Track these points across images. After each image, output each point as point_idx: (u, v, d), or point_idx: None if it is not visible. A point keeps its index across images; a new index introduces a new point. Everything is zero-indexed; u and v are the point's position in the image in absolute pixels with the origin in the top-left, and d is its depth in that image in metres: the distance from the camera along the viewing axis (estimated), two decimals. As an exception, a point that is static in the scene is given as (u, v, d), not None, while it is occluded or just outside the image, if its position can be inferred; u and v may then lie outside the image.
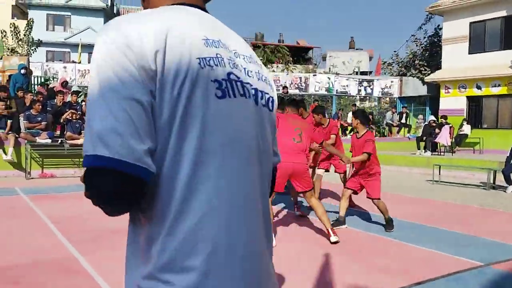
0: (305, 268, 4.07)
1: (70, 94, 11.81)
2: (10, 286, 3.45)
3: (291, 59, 25.31)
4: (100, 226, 5.49)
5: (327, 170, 7.31)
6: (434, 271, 4.07)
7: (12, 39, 27.04)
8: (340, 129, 16.41)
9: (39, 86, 15.21)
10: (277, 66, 22.28)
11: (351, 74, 27.79)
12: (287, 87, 15.75)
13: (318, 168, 7.19)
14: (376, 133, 17.83)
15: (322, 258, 4.39)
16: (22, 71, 11.91)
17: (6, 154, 9.92)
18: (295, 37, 76.96)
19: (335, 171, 7.46)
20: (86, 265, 4.00)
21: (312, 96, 19.91)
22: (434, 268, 4.15)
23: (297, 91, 19.67)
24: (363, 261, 4.39)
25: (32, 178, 10.13)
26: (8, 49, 26.97)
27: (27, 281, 3.56)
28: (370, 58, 44.82)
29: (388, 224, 5.63)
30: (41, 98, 10.94)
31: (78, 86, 16.19)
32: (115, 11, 38.30)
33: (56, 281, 3.59)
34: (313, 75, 20.16)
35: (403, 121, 17.37)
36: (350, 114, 16.87)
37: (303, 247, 4.88)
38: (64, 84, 12.84)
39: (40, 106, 10.26)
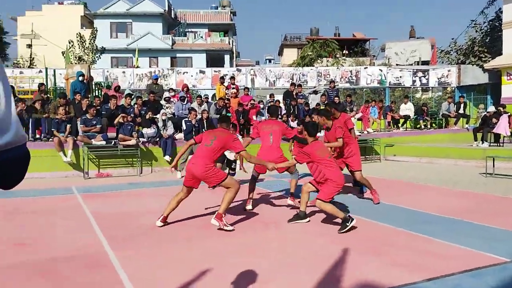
0: (316, 260, 4.11)
1: (123, 98, 12.50)
2: (36, 278, 3.82)
3: (341, 52, 24.85)
4: (140, 223, 5.86)
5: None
6: (454, 267, 3.94)
7: (79, 48, 28.94)
8: (391, 122, 15.99)
9: (104, 89, 16.12)
10: (328, 61, 22.00)
11: (410, 65, 26.80)
12: (334, 81, 15.54)
13: None
14: (433, 125, 17.12)
15: (339, 252, 4.39)
16: (80, 78, 12.80)
17: (66, 156, 10.74)
18: (352, 30, 75.22)
19: (349, 170, 7.32)
20: (114, 260, 4.31)
21: (364, 90, 19.48)
22: (455, 264, 4.02)
23: (347, 85, 19.36)
24: (382, 255, 4.34)
25: (89, 178, 10.89)
26: (76, 57, 28.95)
27: (53, 274, 3.92)
28: (432, 47, 42.82)
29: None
30: (98, 102, 11.70)
31: (131, 90, 17.02)
32: (172, 16, 39.66)
33: (81, 275, 3.91)
34: (364, 68, 19.71)
35: (461, 111, 16.50)
36: (402, 106, 16.32)
37: (312, 239, 4.91)
38: (117, 88, 13.62)
39: (95, 111, 10.98)
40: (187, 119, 11.39)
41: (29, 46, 34.34)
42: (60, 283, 3.70)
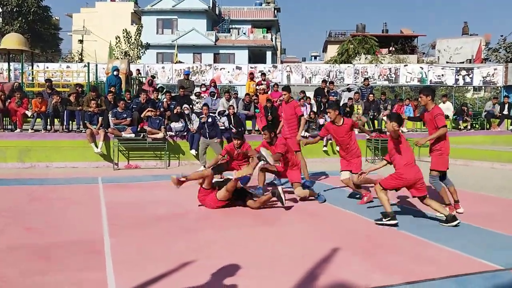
0: (302, 259, 4.07)
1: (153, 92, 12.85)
2: (33, 258, 4.07)
3: (379, 49, 24.20)
4: (148, 213, 6.05)
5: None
6: (441, 272, 3.79)
7: (125, 43, 29.98)
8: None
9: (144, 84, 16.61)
10: (366, 58, 21.52)
11: (462, 63, 25.72)
12: (368, 79, 15.17)
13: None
14: (474, 125, 16.35)
15: (328, 251, 4.33)
16: (115, 72, 13.29)
17: (97, 147, 11.20)
18: (401, 26, 72.94)
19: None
20: (107, 246, 4.49)
21: (403, 88, 18.89)
22: (444, 269, 3.86)
23: (386, 83, 18.85)
24: (371, 257, 4.25)
25: (119, 169, 11.31)
26: (122, 52, 30.03)
27: (47, 257, 4.14)
28: (487, 44, 40.78)
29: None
30: (128, 97, 12.11)
31: (162, 84, 17.44)
32: (216, 12, 40.16)
33: (72, 259, 4.11)
34: (404, 65, 19.10)
35: (505, 112, 15.62)
36: (440, 106, 15.65)
37: (306, 236, 4.85)
38: (150, 82, 14.02)
39: (124, 104, 11.37)
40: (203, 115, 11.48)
41: (81, 41, 35.98)
42: (49, 265, 3.90)
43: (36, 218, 5.72)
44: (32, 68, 19.35)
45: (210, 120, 11.07)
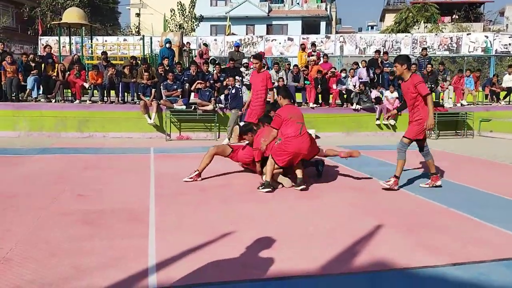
0: (341, 233, 3.99)
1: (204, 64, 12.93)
2: (80, 224, 4.27)
3: (442, 17, 22.73)
4: (194, 184, 6.18)
5: None
6: (490, 254, 3.58)
7: (179, 16, 30.31)
8: (490, 95, 14.43)
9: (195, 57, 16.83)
10: (425, 26, 20.33)
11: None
12: (426, 49, 14.32)
13: None
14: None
15: (370, 227, 4.21)
16: (167, 45, 13.47)
17: (150, 119, 11.53)
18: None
19: None
20: (151, 215, 4.64)
21: (465, 58, 17.75)
22: (498, 252, 3.64)
23: (446, 53, 17.79)
24: (415, 235, 4.08)
25: (171, 140, 11.61)
26: (177, 25, 30.42)
27: (97, 223, 4.34)
28: None
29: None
30: (180, 69, 12.28)
31: (215, 57, 17.48)
32: (270, -18, 39.38)
33: (118, 226, 4.28)
34: (467, 34, 17.87)
35: None
36: (505, 77, 14.62)
37: (347, 210, 4.73)
38: (200, 54, 14.10)
39: (173, 76, 11.56)
40: (229, 86, 11.41)
41: (138, 15, 36.80)
42: (96, 231, 4.09)
43: (89, 186, 6.00)
44: (92, 42, 20.11)
45: (233, 91, 11.14)
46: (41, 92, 12.04)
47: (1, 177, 6.45)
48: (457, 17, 33.85)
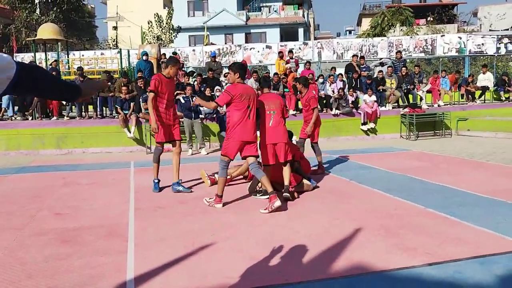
0: (320, 237, 4.01)
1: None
2: (57, 243, 4.20)
3: (417, 20, 23.19)
4: (173, 196, 6.14)
5: None
6: (467, 252, 3.64)
7: (157, 28, 30.25)
8: (466, 95, 14.73)
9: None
10: (401, 30, 20.70)
11: (507, 30, 24.32)
12: (400, 52, 14.57)
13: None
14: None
15: (348, 230, 4.24)
16: (144, 57, 13.43)
17: (130, 132, 11.44)
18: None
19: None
20: (130, 230, 4.59)
21: (441, 59, 18.10)
22: (473, 250, 3.70)
23: (422, 55, 18.12)
24: (393, 237, 4.13)
25: (151, 152, 11.48)
26: (154, 37, 30.34)
27: (75, 241, 4.28)
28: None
29: None
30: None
31: (193, 67, 17.49)
32: (247, -10, 39.67)
33: (96, 242, 4.23)
34: (441, 36, 18.24)
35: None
36: (480, 77, 14.96)
37: (320, 217, 4.76)
38: (181, 67, 14.07)
39: (152, 89, 11.51)
40: (184, 95, 11.38)
41: (115, 28, 36.58)
42: (73, 250, 4.03)
43: (67, 203, 5.92)
44: (68, 57, 19.90)
45: (183, 101, 11.11)
46: (16, 110, 11.86)
47: (-24, 199, 6.32)
48: (431, 19, 34.56)
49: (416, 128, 12.61)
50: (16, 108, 11.93)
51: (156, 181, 6.64)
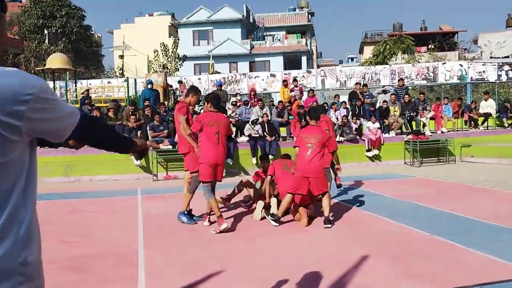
0: (326, 263, 4.05)
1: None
2: (66, 271, 4.26)
3: (418, 48, 23.59)
4: (181, 224, 6.18)
5: None
6: (473, 279, 3.68)
7: (163, 57, 30.83)
8: (469, 121, 14.86)
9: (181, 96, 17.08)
10: (403, 58, 21.04)
11: (507, 57, 24.65)
12: (402, 79, 14.79)
13: None
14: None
15: (355, 257, 4.29)
16: (149, 86, 13.70)
17: (137, 160, 11.56)
18: (439, 22, 70.54)
19: None
20: (140, 258, 4.64)
21: (443, 86, 18.33)
22: (480, 277, 3.73)
23: (424, 82, 18.37)
24: (399, 264, 4.17)
25: (158, 180, 11.62)
26: (160, 66, 30.89)
27: (83, 269, 4.34)
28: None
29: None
30: (164, 109, 12.46)
31: (203, 96, 17.71)
32: (251, 20, 40.52)
33: (108, 271, 4.29)
34: (442, 64, 18.53)
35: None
36: (482, 103, 15.11)
37: (334, 240, 4.80)
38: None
39: (159, 117, 11.71)
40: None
41: (121, 57, 37.29)
42: (82, 278, 4.09)
43: (74, 231, 5.99)
44: (76, 86, 20.28)
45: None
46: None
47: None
48: (432, 47, 35.10)
49: (420, 155, 12.68)
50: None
51: (186, 212, 6.31)
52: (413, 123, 13.63)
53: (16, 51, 30.10)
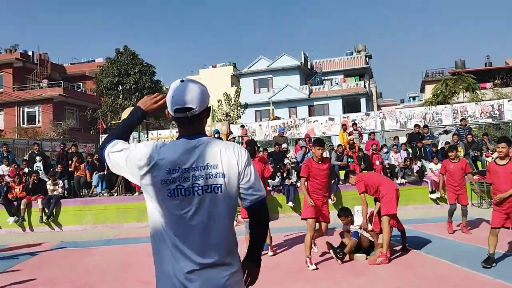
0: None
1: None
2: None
3: (483, 84, 22.97)
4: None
5: None
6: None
7: (226, 106, 32.32)
8: None
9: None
10: (465, 96, 20.64)
11: None
12: (465, 119, 14.58)
13: None
14: None
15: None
16: (216, 135, 14.56)
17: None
18: (505, 56, 67.69)
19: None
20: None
21: (510, 124, 17.70)
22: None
23: (489, 120, 17.86)
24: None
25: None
26: (223, 114, 32.35)
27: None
28: None
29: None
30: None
31: (260, 141, 18.37)
32: (309, 66, 41.56)
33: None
34: (508, 101, 17.98)
35: None
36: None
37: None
38: (247, 142, 15.08)
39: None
40: None
41: (186, 107, 39.41)
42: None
43: (152, 272, 6.54)
44: (147, 136, 21.85)
45: None
46: (104, 186, 13.20)
47: (72, 268, 7.17)
48: (499, 82, 33.87)
49: (488, 196, 12.27)
50: (104, 184, 13.26)
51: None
52: (478, 163, 13.29)
53: (94, 107, 32.96)
